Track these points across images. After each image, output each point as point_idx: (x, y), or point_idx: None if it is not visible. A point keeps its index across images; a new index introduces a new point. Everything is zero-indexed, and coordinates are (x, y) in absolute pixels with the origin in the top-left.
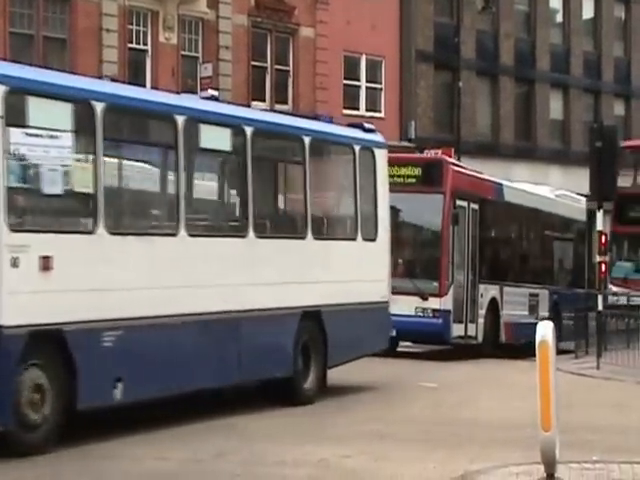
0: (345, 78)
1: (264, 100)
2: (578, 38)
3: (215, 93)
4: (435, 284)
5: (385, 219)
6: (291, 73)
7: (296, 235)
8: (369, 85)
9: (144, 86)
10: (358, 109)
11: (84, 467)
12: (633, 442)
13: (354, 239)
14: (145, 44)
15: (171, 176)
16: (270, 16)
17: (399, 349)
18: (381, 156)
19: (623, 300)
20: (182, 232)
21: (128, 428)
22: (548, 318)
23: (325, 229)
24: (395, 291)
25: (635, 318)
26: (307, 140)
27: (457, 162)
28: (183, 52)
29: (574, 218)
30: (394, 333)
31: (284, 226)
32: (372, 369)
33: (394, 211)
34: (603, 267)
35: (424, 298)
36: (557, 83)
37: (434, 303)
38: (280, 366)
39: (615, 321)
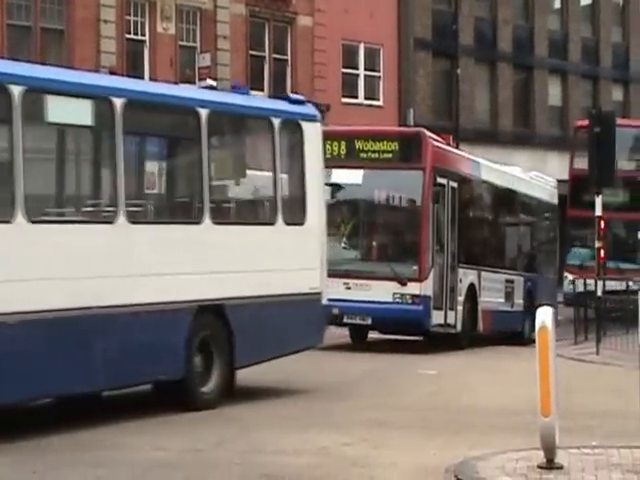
0: (343, 66)
1: (263, 89)
2: (576, 24)
3: (213, 83)
4: (415, 268)
5: (318, 200)
6: (289, 62)
7: (188, 220)
8: (367, 73)
9: (143, 78)
10: (357, 97)
11: (81, 457)
12: (632, 427)
13: (272, 223)
14: (143, 35)
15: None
16: (268, 5)
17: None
18: (312, 130)
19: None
20: (19, 219)
21: (125, 417)
22: (524, 306)
23: (230, 213)
24: (370, 276)
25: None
26: (204, 113)
27: (435, 136)
28: (181, 42)
29: (547, 201)
30: (369, 321)
31: (170, 211)
32: (371, 356)
33: (368, 189)
34: (602, 252)
35: (402, 283)
36: (555, 69)
37: (414, 288)
38: (167, 368)
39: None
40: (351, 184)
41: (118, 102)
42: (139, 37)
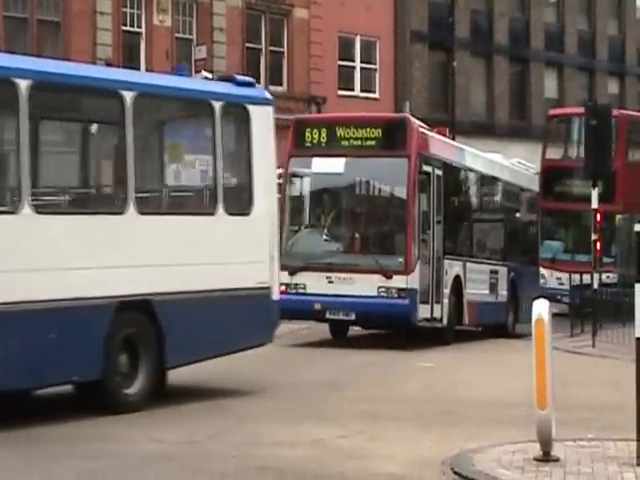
0: (340, 59)
1: (259, 82)
2: (572, 16)
3: (209, 75)
4: (400, 260)
5: (268, 189)
6: (285, 55)
7: (109, 210)
8: (364, 66)
9: (138, 70)
10: (353, 90)
11: (76, 449)
12: (629, 420)
13: (211, 213)
14: (139, 27)
15: None
16: None
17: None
18: (260, 114)
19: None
20: None
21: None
22: (507, 298)
23: (161, 202)
24: (354, 269)
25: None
26: (129, 96)
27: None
28: (177, 34)
29: (528, 188)
30: (353, 317)
31: (88, 200)
32: (368, 348)
33: (350, 178)
34: (598, 245)
35: (388, 276)
36: (551, 62)
37: (399, 282)
38: (82, 368)
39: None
40: (333, 173)
41: (23, 84)
42: (135, 29)
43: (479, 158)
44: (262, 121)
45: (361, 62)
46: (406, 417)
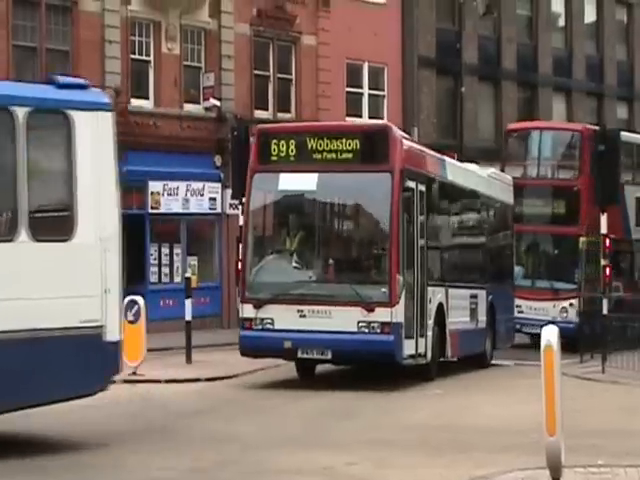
0: (348, 85)
1: (267, 109)
2: (580, 42)
3: (217, 102)
4: (384, 290)
5: (103, 209)
6: (294, 81)
7: None
8: (372, 92)
9: (147, 98)
10: (361, 116)
11: (83, 477)
12: (639, 446)
13: (9, 240)
14: (148, 55)
15: None
16: (272, 25)
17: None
18: (91, 121)
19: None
20: None
21: (126, 438)
22: (486, 323)
23: None
24: (329, 301)
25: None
26: None
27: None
28: (185, 62)
29: (505, 201)
30: (329, 356)
31: None
32: (376, 376)
33: (324, 197)
34: (607, 271)
35: (369, 309)
36: (560, 87)
37: (383, 315)
38: None
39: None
40: (303, 191)
41: None
42: (144, 57)
43: (459, 170)
44: (94, 129)
45: (369, 88)
46: (415, 444)
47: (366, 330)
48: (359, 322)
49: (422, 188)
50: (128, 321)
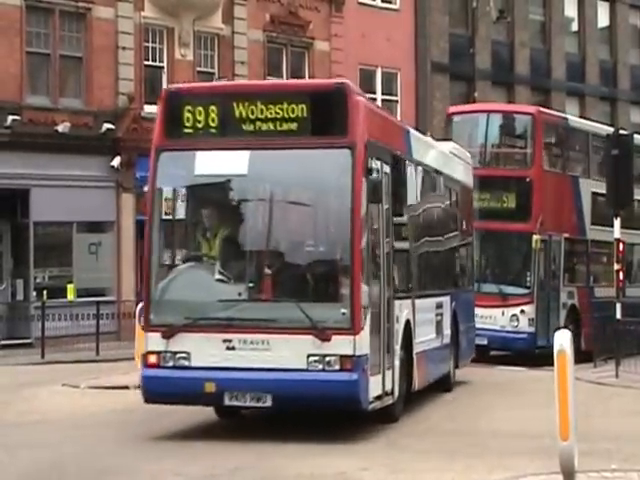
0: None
1: None
2: (594, 46)
3: None
4: (344, 311)
5: None
6: None
7: None
8: (385, 97)
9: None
10: None
11: None
12: None
13: None
14: (161, 61)
15: None
16: (285, 31)
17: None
18: None
19: None
20: None
21: (141, 444)
22: (451, 337)
23: None
24: (268, 328)
25: None
26: None
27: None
28: (199, 68)
29: (466, 184)
30: (268, 403)
31: None
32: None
33: (258, 184)
34: (621, 275)
35: (323, 337)
36: (573, 92)
37: (343, 345)
38: None
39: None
40: (230, 176)
41: None
42: (157, 63)
43: (425, 145)
44: None
45: (382, 94)
46: (429, 448)
47: (319, 366)
48: (310, 356)
49: (387, 170)
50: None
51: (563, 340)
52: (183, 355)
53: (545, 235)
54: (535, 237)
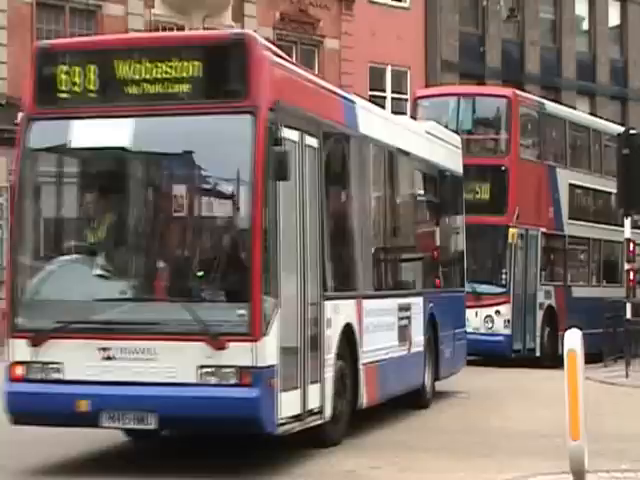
0: (370, 89)
1: None
2: (604, 45)
3: None
4: (242, 312)
5: None
6: None
7: None
8: (394, 95)
9: None
10: None
11: None
12: None
13: None
14: None
15: None
16: (295, 29)
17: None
18: None
19: None
20: None
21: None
22: (425, 345)
23: None
24: (153, 333)
25: None
26: None
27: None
28: None
29: (450, 169)
30: (152, 424)
31: None
32: None
33: (141, 156)
34: (632, 275)
35: (218, 345)
36: (584, 91)
37: (240, 354)
38: None
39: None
40: (111, 149)
41: None
42: None
43: (380, 120)
44: None
45: (392, 92)
46: (438, 447)
47: (213, 380)
48: (201, 367)
49: (313, 142)
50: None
51: (573, 340)
52: (54, 366)
53: (522, 229)
54: (511, 230)
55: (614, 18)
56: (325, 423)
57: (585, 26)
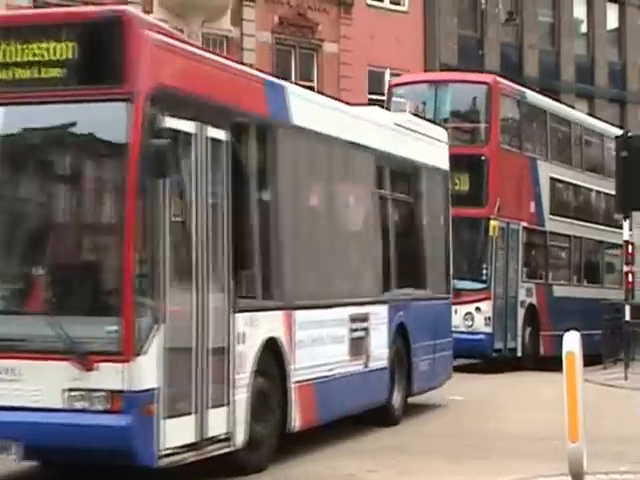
0: (370, 92)
1: None
2: (602, 48)
3: None
4: (112, 329)
5: None
6: (316, 89)
7: None
8: None
9: None
10: None
11: None
12: None
13: None
14: None
15: None
16: (294, 32)
17: None
18: None
19: None
20: None
21: None
22: (390, 358)
23: None
24: (15, 350)
25: None
26: None
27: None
28: None
29: (433, 166)
30: (18, 453)
31: None
32: None
33: (12, 146)
34: (630, 277)
35: (86, 366)
36: (582, 94)
37: (110, 376)
38: None
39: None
40: None
41: None
42: None
43: (325, 111)
44: None
45: None
46: (437, 450)
47: (79, 405)
48: (68, 391)
49: (218, 135)
50: None
51: (572, 342)
52: None
53: (503, 222)
54: (493, 223)
55: (612, 21)
56: (238, 450)
57: (584, 29)
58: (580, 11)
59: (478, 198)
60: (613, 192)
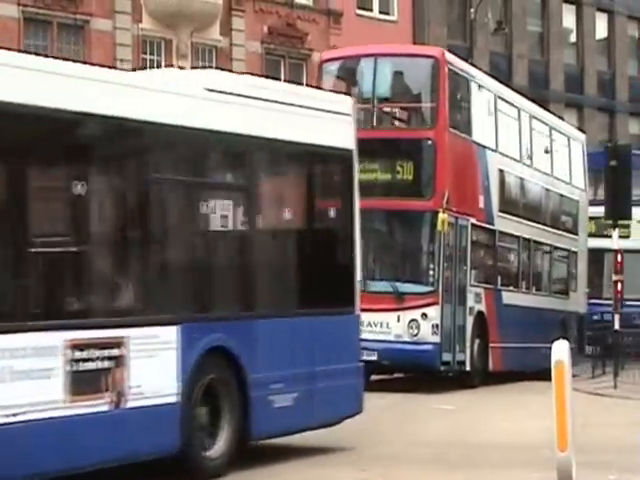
0: None
1: None
2: (592, 58)
3: None
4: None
5: None
6: None
7: None
8: None
9: None
10: None
11: None
12: None
13: None
14: None
15: None
16: (283, 42)
17: None
18: None
19: None
20: None
21: None
22: (185, 400)
23: None
24: None
25: None
26: None
27: None
28: None
29: (320, 146)
30: None
31: None
32: (388, 390)
33: None
34: (619, 286)
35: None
36: (571, 103)
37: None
38: None
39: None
40: None
41: None
42: None
43: (54, 78)
44: None
45: None
46: (428, 460)
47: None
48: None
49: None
50: None
51: (561, 351)
52: None
53: (451, 217)
54: (441, 216)
55: (601, 30)
56: None
57: (573, 39)
58: (569, 21)
59: (424, 188)
60: (563, 192)
